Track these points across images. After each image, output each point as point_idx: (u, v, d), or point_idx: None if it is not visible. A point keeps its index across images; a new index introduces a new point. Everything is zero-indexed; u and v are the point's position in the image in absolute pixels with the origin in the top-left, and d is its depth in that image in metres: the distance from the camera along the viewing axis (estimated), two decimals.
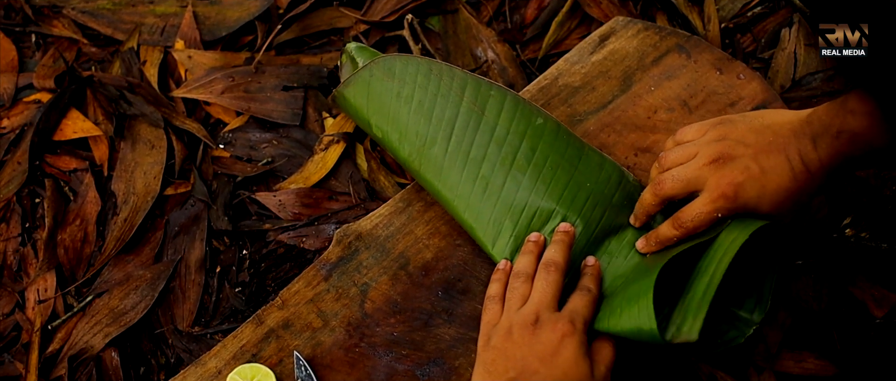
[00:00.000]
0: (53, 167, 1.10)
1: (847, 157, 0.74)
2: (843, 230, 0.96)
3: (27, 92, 1.16)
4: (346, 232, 0.95)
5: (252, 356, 0.89)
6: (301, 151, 1.08)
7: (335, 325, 0.90)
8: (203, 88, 1.12)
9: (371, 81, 0.95)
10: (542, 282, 0.80)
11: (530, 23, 1.16)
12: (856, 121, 0.71)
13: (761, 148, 0.78)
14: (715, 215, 0.78)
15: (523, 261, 0.84)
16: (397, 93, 0.94)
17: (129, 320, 0.98)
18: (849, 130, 0.72)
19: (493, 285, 0.85)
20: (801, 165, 0.75)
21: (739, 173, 0.77)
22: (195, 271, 1.01)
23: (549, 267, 0.82)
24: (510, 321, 0.78)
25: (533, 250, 0.85)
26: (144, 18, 1.19)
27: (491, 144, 0.91)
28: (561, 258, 0.82)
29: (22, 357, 0.98)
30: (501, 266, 0.86)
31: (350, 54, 1.01)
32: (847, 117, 0.72)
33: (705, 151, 0.80)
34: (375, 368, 0.88)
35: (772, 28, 1.11)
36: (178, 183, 1.07)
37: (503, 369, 0.75)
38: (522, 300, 0.80)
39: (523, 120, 0.92)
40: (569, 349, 0.74)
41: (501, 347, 0.76)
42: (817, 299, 0.91)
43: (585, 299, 0.80)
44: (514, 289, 0.82)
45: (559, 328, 0.75)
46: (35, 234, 1.06)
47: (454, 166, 0.90)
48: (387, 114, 0.94)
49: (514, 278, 0.83)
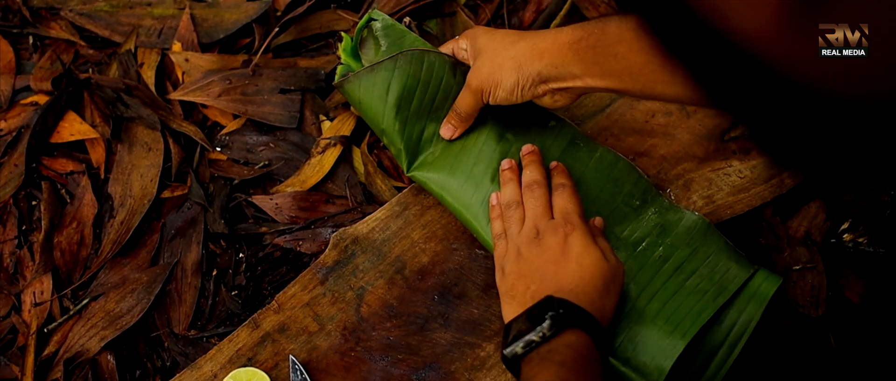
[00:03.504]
0: (50, 170, 1.10)
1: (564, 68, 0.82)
2: (841, 236, 0.96)
3: (24, 94, 1.16)
4: (342, 236, 0.94)
5: (248, 360, 0.89)
6: (298, 154, 1.08)
7: (331, 329, 0.90)
8: (200, 90, 1.11)
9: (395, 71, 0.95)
10: (530, 200, 0.86)
11: (528, 26, 1.16)
12: (586, 32, 0.80)
13: (503, 46, 0.87)
14: (475, 98, 0.89)
15: (508, 191, 0.88)
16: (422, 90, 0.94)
17: (125, 323, 0.98)
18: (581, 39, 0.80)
19: (494, 224, 0.89)
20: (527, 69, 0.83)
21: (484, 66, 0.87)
22: (191, 274, 1.01)
23: (531, 187, 0.87)
24: (516, 245, 0.83)
25: (512, 178, 0.89)
26: (142, 21, 1.19)
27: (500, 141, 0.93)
28: (539, 175, 0.88)
29: (18, 360, 0.98)
30: (494, 201, 0.89)
31: (374, 33, 1.00)
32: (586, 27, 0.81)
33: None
34: (371, 372, 0.88)
35: None
36: (175, 186, 1.07)
37: (524, 287, 0.79)
38: (520, 223, 0.85)
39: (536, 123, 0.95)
40: (576, 244, 0.79)
41: (515, 270, 0.81)
42: (815, 305, 0.91)
43: (565, 194, 0.86)
44: (509, 217, 0.86)
45: (560, 230, 0.81)
46: (31, 236, 1.06)
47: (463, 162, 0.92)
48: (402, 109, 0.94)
49: (506, 209, 0.87)
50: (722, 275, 0.84)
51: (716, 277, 0.84)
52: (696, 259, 0.86)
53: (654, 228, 0.89)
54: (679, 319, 0.82)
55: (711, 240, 0.87)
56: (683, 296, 0.83)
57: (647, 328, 0.82)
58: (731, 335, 0.83)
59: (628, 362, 0.81)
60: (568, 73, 0.81)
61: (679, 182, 0.96)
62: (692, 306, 0.82)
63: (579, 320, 0.72)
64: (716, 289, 0.83)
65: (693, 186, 0.96)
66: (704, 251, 0.86)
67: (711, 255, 0.86)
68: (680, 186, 0.96)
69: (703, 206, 0.94)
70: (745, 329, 0.82)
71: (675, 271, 0.85)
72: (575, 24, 0.82)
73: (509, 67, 0.83)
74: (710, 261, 0.85)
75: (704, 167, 0.97)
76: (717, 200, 0.95)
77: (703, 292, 0.83)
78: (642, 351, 0.81)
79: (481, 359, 0.88)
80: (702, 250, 0.86)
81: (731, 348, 0.82)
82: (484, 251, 0.93)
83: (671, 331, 0.81)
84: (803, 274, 0.93)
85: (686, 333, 0.81)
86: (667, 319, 0.82)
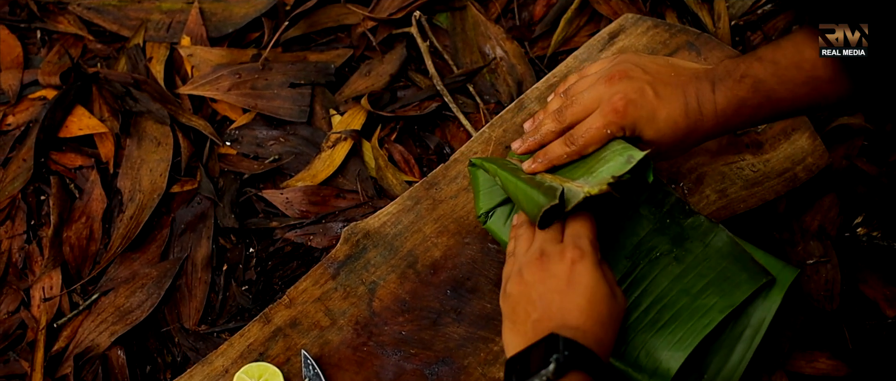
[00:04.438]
0: (59, 164, 1.09)
1: (744, 103, 0.74)
2: (855, 230, 0.95)
3: (32, 88, 1.16)
4: (353, 230, 0.94)
5: (259, 355, 0.88)
6: (308, 148, 1.07)
7: (343, 323, 0.89)
8: (209, 84, 1.11)
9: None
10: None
11: (539, 20, 1.15)
12: (761, 67, 0.72)
13: (660, 78, 0.78)
14: (605, 130, 0.78)
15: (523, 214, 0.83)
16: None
17: (135, 318, 0.98)
18: (753, 75, 0.73)
19: (510, 243, 0.84)
20: (695, 103, 0.76)
21: (633, 91, 0.77)
22: (202, 269, 1.01)
23: None
24: (519, 264, 0.77)
25: None
26: (150, 15, 1.18)
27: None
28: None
29: (27, 355, 0.97)
30: (516, 221, 0.84)
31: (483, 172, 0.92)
32: (753, 63, 0.73)
33: (604, 73, 0.80)
34: (384, 367, 0.87)
35: (782, 25, 1.10)
36: (185, 180, 1.06)
37: (525, 313, 0.74)
38: (528, 243, 0.79)
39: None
40: (585, 275, 0.73)
41: (517, 292, 0.76)
42: (829, 299, 0.91)
43: (581, 218, 0.78)
44: (519, 236, 0.81)
45: (567, 255, 0.74)
46: (40, 231, 1.06)
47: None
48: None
49: (518, 227, 0.82)
50: (733, 286, 0.83)
51: (726, 287, 0.83)
52: (708, 268, 0.84)
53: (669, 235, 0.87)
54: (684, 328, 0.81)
55: (726, 249, 0.85)
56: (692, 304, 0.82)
57: (655, 336, 0.81)
58: (749, 328, 0.82)
59: (635, 364, 0.81)
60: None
61: (692, 176, 0.95)
62: (701, 314, 0.81)
63: (584, 361, 0.68)
64: (725, 302, 0.82)
65: (706, 181, 0.95)
66: (717, 260, 0.85)
67: (724, 265, 0.84)
68: (693, 181, 0.95)
69: (716, 200, 0.94)
70: (763, 322, 0.82)
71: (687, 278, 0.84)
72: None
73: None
74: (722, 271, 0.84)
75: (717, 161, 0.96)
76: (731, 194, 0.94)
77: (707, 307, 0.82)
78: (649, 356, 0.80)
79: (495, 354, 0.87)
80: (714, 259, 0.85)
81: (750, 340, 0.81)
82: (496, 245, 0.92)
83: (678, 339, 0.80)
84: (817, 268, 0.92)
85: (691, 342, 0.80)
86: (673, 328, 0.81)
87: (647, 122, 0.76)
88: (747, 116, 0.75)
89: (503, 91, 1.09)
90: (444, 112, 1.09)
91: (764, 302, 0.83)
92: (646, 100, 0.76)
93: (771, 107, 0.74)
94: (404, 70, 1.12)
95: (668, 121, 0.76)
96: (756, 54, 0.74)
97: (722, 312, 0.80)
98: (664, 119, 0.76)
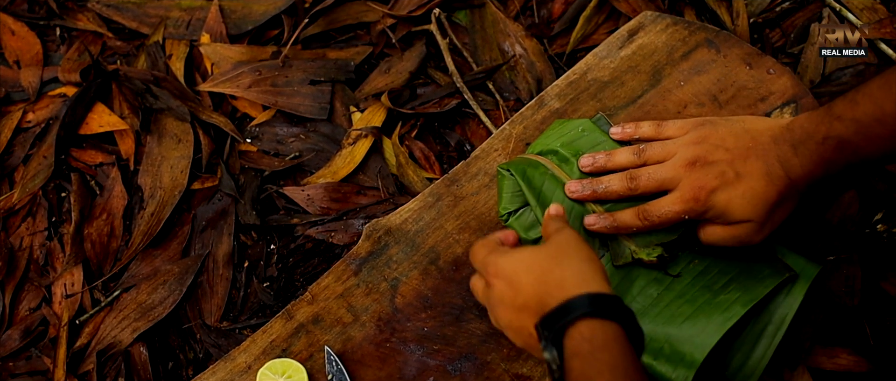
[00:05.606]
0: (79, 161, 1.10)
1: (831, 163, 0.74)
2: (875, 226, 0.95)
3: (52, 86, 1.16)
4: (375, 227, 0.94)
5: (282, 351, 0.89)
6: (329, 145, 1.08)
7: (365, 320, 0.90)
8: (229, 81, 1.11)
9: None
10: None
11: (558, 17, 1.15)
12: (843, 127, 0.72)
13: (739, 153, 0.78)
14: (682, 215, 0.79)
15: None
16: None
17: (157, 314, 0.98)
18: (835, 136, 0.72)
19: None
20: (779, 170, 0.75)
21: (714, 179, 0.77)
22: (223, 265, 1.01)
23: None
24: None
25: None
26: (170, 12, 1.19)
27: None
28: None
29: (50, 352, 0.98)
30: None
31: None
32: (834, 123, 0.72)
33: (684, 153, 0.81)
34: (407, 363, 0.88)
35: (801, 23, 1.10)
36: (205, 177, 1.07)
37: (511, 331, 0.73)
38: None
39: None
40: (496, 287, 0.72)
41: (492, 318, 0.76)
42: (850, 295, 0.91)
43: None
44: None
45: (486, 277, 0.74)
46: (61, 228, 1.06)
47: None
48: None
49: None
50: (756, 281, 0.83)
51: (749, 282, 0.83)
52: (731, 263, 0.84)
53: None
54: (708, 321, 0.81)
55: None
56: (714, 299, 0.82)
57: (679, 329, 0.81)
58: (771, 324, 0.82)
59: (659, 357, 0.81)
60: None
61: None
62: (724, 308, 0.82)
63: (611, 309, 0.65)
64: (748, 297, 0.82)
65: None
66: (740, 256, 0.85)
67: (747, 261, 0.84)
68: None
69: None
70: (785, 318, 0.82)
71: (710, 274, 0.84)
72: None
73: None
74: (745, 266, 0.84)
75: None
76: None
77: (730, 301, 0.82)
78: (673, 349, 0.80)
79: (518, 349, 0.87)
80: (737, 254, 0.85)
81: (772, 336, 0.82)
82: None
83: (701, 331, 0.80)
84: (838, 264, 0.92)
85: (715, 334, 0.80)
86: (697, 321, 0.81)
87: (728, 203, 0.76)
88: (836, 172, 0.75)
89: (523, 88, 1.09)
90: (463, 109, 1.09)
91: (786, 298, 0.83)
92: (727, 183, 0.76)
93: (859, 161, 0.73)
94: (424, 67, 1.13)
95: (752, 195, 0.76)
96: (833, 113, 0.73)
97: (744, 306, 0.80)
98: (748, 195, 0.76)
